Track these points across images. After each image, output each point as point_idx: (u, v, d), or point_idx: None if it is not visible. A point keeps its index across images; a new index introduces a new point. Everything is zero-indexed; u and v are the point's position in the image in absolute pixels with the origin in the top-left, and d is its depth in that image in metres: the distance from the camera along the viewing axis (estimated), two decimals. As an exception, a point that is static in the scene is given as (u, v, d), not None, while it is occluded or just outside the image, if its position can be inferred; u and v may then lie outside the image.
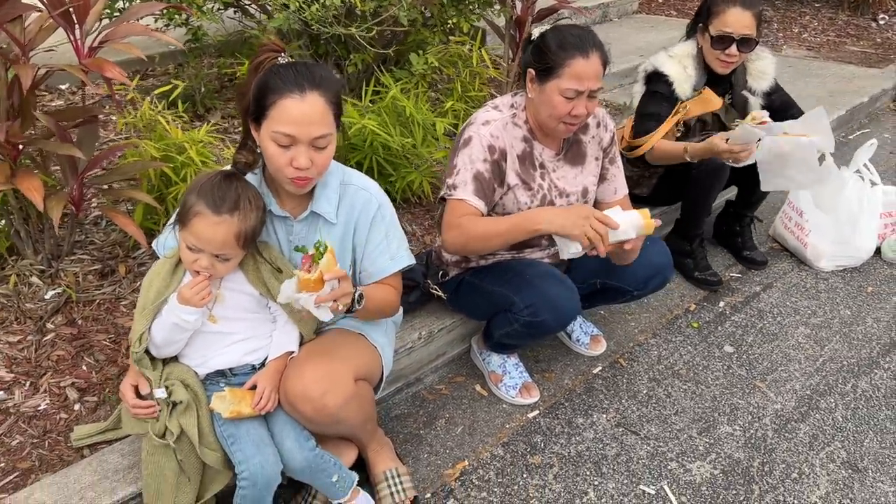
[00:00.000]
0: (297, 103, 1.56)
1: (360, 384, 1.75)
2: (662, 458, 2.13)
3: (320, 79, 1.59)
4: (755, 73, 2.91)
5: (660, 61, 2.78)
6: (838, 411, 2.32)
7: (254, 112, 1.61)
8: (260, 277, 1.74)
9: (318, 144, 1.60)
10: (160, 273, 1.72)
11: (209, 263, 1.62)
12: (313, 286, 1.54)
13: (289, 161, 1.59)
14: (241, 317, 1.76)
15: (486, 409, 2.30)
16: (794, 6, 7.11)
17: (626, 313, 2.78)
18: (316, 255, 1.57)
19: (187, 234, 1.61)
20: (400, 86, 3.29)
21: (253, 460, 1.62)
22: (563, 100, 1.97)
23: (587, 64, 1.95)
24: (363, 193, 1.79)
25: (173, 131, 2.43)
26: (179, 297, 1.64)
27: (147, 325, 1.68)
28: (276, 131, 1.57)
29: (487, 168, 2.04)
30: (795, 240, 3.14)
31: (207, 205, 1.59)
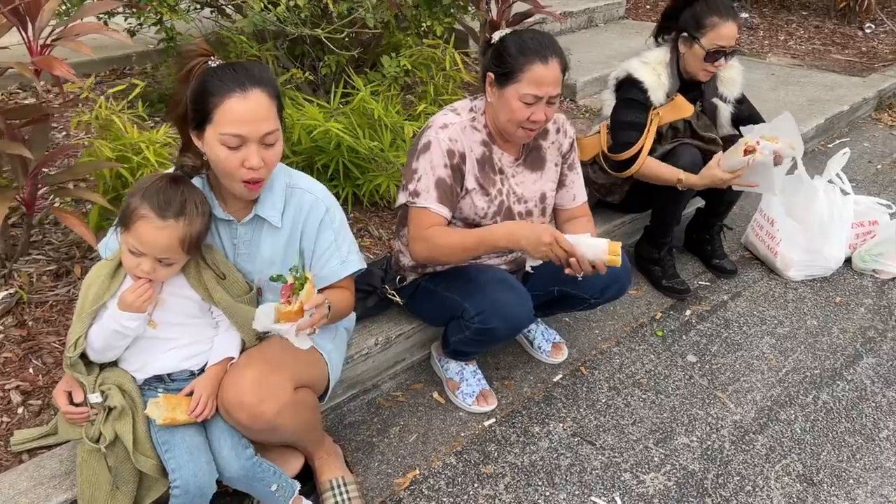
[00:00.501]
0: (241, 102, 1.53)
1: (301, 392, 1.72)
2: (616, 469, 2.10)
3: (259, 76, 1.57)
4: (726, 81, 2.90)
5: (633, 67, 2.75)
6: (797, 423, 2.29)
7: (194, 119, 1.58)
8: (202, 282, 1.71)
9: (268, 141, 1.58)
10: (100, 276, 1.69)
11: (151, 268, 1.59)
12: (293, 316, 1.54)
13: (240, 163, 1.56)
14: (181, 322, 1.73)
15: (441, 417, 2.27)
16: (781, 14, 7.10)
17: (590, 321, 2.75)
18: (296, 285, 1.56)
19: (130, 237, 1.58)
20: (371, 88, 3.26)
21: (186, 468, 1.59)
22: (522, 105, 1.95)
23: (546, 70, 1.93)
24: (309, 196, 1.76)
25: (130, 131, 2.39)
26: (121, 302, 1.61)
27: (84, 330, 1.65)
28: (224, 133, 1.54)
29: (448, 174, 2.02)
30: (766, 248, 3.12)
31: (152, 208, 1.56)
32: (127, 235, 1.58)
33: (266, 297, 1.81)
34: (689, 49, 2.68)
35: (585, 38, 5.64)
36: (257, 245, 1.75)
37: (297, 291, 1.56)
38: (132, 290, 1.60)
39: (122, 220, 1.59)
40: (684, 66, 2.74)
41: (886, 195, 3.81)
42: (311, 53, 3.50)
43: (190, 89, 1.56)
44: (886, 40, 6.45)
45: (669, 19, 2.76)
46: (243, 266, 1.77)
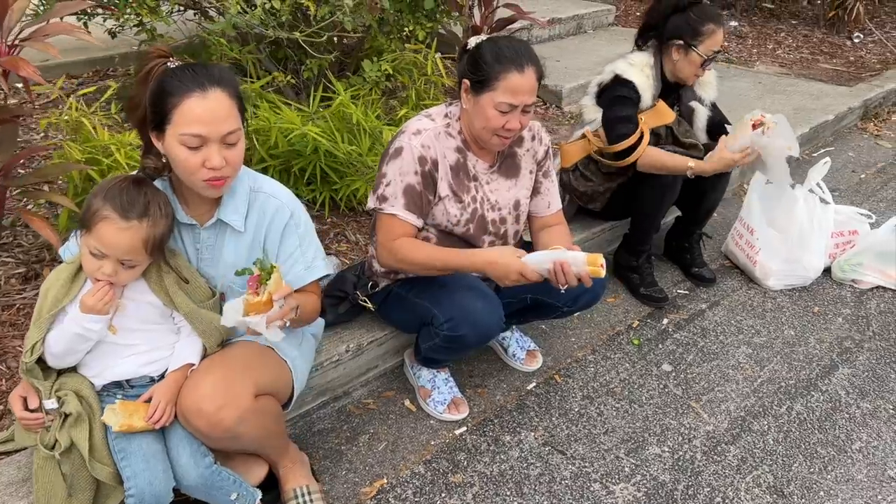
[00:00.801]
0: (200, 101, 1.52)
1: (263, 399, 1.69)
2: (586, 479, 2.09)
3: (219, 75, 1.56)
4: (703, 84, 2.91)
5: (621, 69, 2.73)
6: (770, 434, 2.28)
7: (153, 120, 1.56)
8: (163, 287, 1.69)
9: (229, 140, 1.56)
10: (59, 279, 1.66)
11: (113, 270, 1.57)
12: (262, 308, 1.52)
13: (201, 163, 1.55)
14: (141, 328, 1.70)
15: (412, 425, 2.25)
16: (770, 22, 7.12)
17: (567, 328, 2.74)
18: (263, 276, 1.54)
19: (91, 238, 1.56)
20: (353, 92, 3.24)
21: (141, 476, 1.57)
22: (497, 113, 1.93)
23: (522, 78, 1.91)
24: (273, 201, 1.75)
25: (100, 133, 2.37)
26: (82, 306, 1.58)
27: (42, 335, 1.62)
28: (184, 133, 1.52)
29: (419, 181, 2.00)
30: (745, 257, 3.11)
31: (115, 209, 1.54)
32: (88, 237, 1.56)
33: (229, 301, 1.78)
34: (683, 56, 2.67)
35: (574, 44, 5.64)
36: (220, 249, 1.73)
37: (265, 282, 1.54)
38: (92, 292, 1.58)
39: (84, 222, 1.57)
40: (672, 71, 2.74)
41: (869, 205, 3.81)
42: (293, 57, 3.48)
43: (148, 90, 1.54)
44: (874, 50, 6.48)
45: (654, 27, 2.75)
46: (206, 271, 1.75)
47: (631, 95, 2.70)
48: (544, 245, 2.17)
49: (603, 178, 2.86)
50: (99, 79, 4.15)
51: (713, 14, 2.66)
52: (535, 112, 4.50)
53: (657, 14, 2.73)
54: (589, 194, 2.93)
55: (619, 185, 2.85)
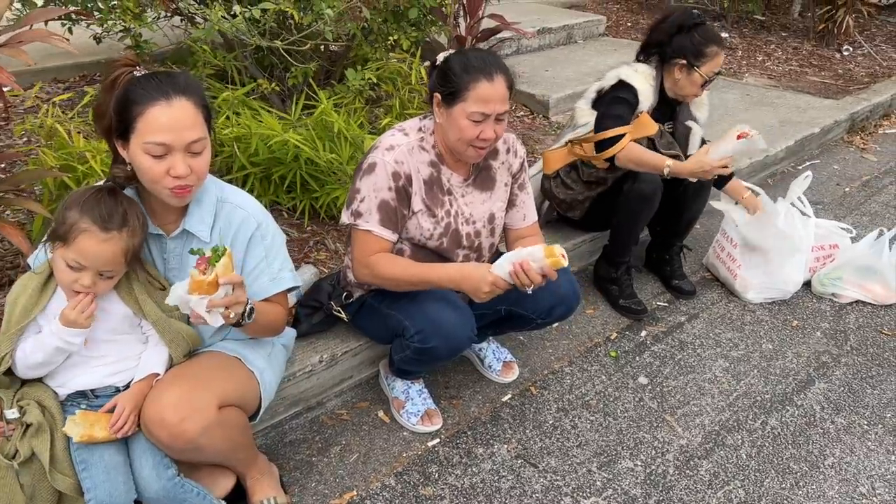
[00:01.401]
0: (165, 109, 1.52)
1: (228, 411, 1.68)
2: (557, 493, 2.08)
3: (184, 84, 1.56)
4: (698, 104, 2.94)
5: (626, 73, 2.74)
6: (743, 449, 2.27)
7: (118, 129, 1.56)
8: (133, 295, 1.68)
9: (194, 149, 1.56)
10: (27, 289, 1.65)
11: (92, 282, 1.57)
12: (206, 289, 1.50)
13: (165, 171, 1.54)
14: (110, 338, 1.70)
15: (385, 437, 2.24)
16: (760, 34, 7.15)
17: (544, 339, 2.73)
18: (213, 257, 1.52)
19: (70, 252, 1.54)
20: (336, 101, 3.25)
21: (101, 487, 1.56)
22: (471, 123, 1.94)
23: (492, 87, 1.92)
24: (240, 212, 1.74)
25: (76, 140, 2.36)
26: (63, 319, 1.57)
27: (11, 346, 1.61)
28: (148, 142, 1.52)
29: (393, 196, 2.00)
30: (726, 270, 3.11)
31: (94, 221, 1.53)
32: (66, 250, 1.55)
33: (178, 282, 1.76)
34: (686, 76, 2.70)
35: (563, 54, 5.65)
36: (187, 259, 1.73)
37: (213, 263, 1.52)
38: (74, 305, 1.57)
39: (60, 236, 1.55)
40: (672, 89, 2.77)
41: (852, 218, 3.82)
42: (279, 64, 3.49)
43: (114, 98, 1.54)
44: (863, 63, 6.51)
45: (658, 44, 2.75)
46: (173, 280, 1.74)
47: (630, 99, 2.71)
48: None
49: (583, 186, 2.87)
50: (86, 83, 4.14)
51: (716, 36, 2.69)
52: (523, 122, 4.50)
53: (662, 32, 2.74)
54: (568, 202, 2.93)
55: (599, 195, 2.85)
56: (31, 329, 1.63)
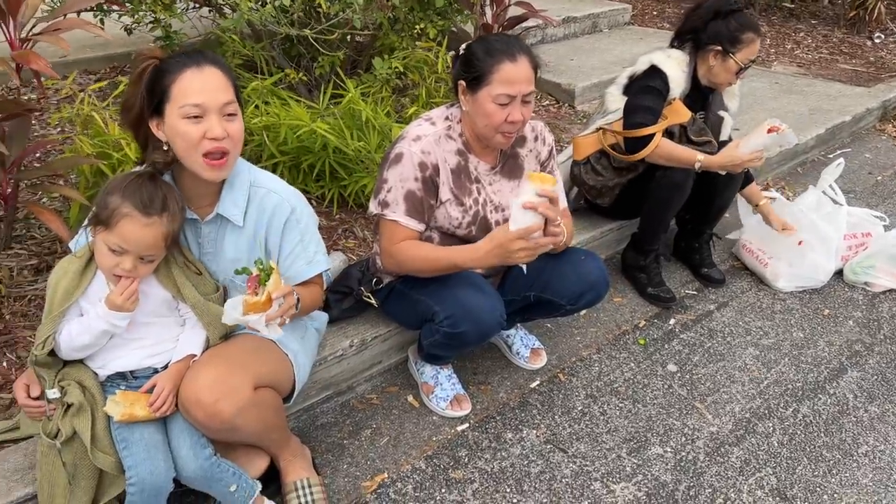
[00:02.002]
0: (197, 74, 1.56)
1: (262, 392, 1.71)
2: (587, 478, 2.08)
3: (212, 57, 1.61)
4: (730, 93, 2.91)
5: (659, 59, 2.72)
6: (775, 436, 2.26)
7: (151, 106, 1.60)
8: (171, 278, 1.71)
9: (228, 111, 1.59)
10: (67, 273, 1.68)
11: (133, 265, 1.60)
12: (262, 307, 1.55)
13: (202, 135, 1.57)
14: (149, 321, 1.72)
15: (414, 421, 2.26)
16: (789, 22, 7.04)
17: (572, 327, 2.73)
18: (262, 277, 1.56)
19: (111, 236, 1.57)
20: (363, 90, 3.26)
21: (142, 466, 1.59)
22: (497, 107, 1.93)
23: (516, 68, 1.91)
24: (274, 196, 1.76)
25: (111, 128, 2.40)
26: (110, 304, 1.60)
27: (53, 329, 1.64)
28: (183, 105, 1.55)
29: (419, 187, 2.00)
30: (756, 259, 3.08)
31: (136, 206, 1.56)
32: (108, 234, 1.58)
33: (232, 294, 1.80)
34: (720, 62, 2.68)
35: (588, 43, 5.61)
36: (221, 244, 1.75)
37: (264, 282, 1.56)
38: (119, 291, 1.60)
39: (102, 220, 1.58)
40: (706, 76, 2.74)
41: (885, 207, 3.76)
42: (306, 54, 3.51)
43: (144, 84, 1.58)
44: (895, 50, 6.38)
45: (693, 30, 2.73)
46: (208, 265, 1.77)
47: (661, 88, 2.69)
48: None
49: (614, 172, 2.85)
50: (116, 74, 4.20)
51: (753, 23, 2.66)
52: (548, 111, 4.49)
53: (697, 18, 2.72)
54: (598, 188, 2.91)
55: (630, 181, 2.83)
56: (73, 312, 1.67)
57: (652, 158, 2.67)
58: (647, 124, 2.66)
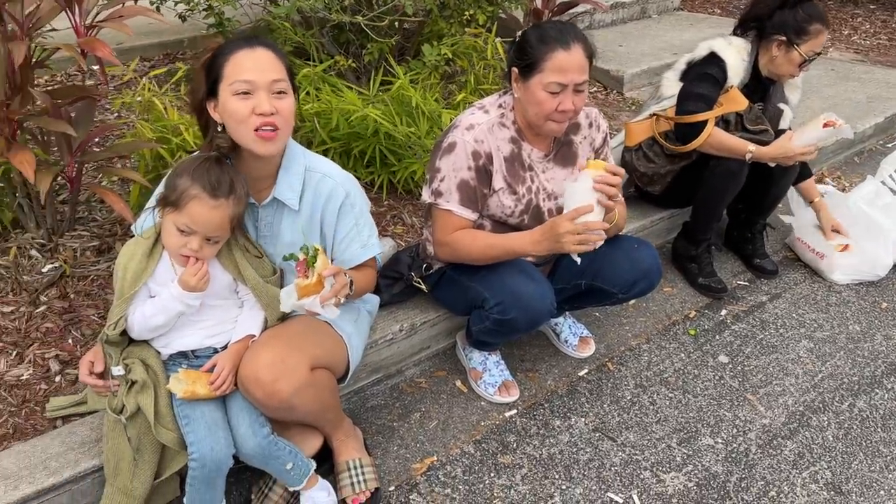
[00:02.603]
0: (248, 54, 1.62)
1: (318, 373, 1.74)
2: (636, 467, 2.08)
3: (266, 41, 1.65)
4: (791, 85, 2.85)
5: (719, 46, 2.68)
6: (830, 430, 2.22)
7: (208, 87, 1.64)
8: (233, 260, 1.75)
9: (277, 88, 1.62)
10: (135, 255, 1.72)
11: (199, 246, 1.64)
12: (314, 289, 1.59)
13: (251, 110, 1.60)
14: (210, 303, 1.76)
15: (463, 406, 2.28)
16: (846, 7, 6.83)
17: (621, 316, 2.71)
18: (309, 259, 1.60)
19: (181, 216, 1.62)
20: (412, 76, 3.27)
21: (204, 442, 1.64)
22: (548, 95, 1.92)
23: (569, 56, 1.90)
24: (329, 181, 1.79)
25: (171, 113, 2.46)
26: (184, 285, 1.65)
27: (125, 311, 1.69)
28: (234, 82, 1.59)
29: (473, 176, 2.01)
30: (811, 250, 3.02)
31: (204, 188, 1.60)
32: (177, 215, 1.62)
33: (288, 277, 1.84)
34: (783, 53, 2.62)
35: (637, 29, 5.53)
36: (278, 227, 1.79)
37: (312, 265, 1.59)
38: (192, 273, 1.64)
39: (172, 201, 1.62)
40: (768, 66, 2.69)
41: (946, 198, 3.63)
42: (355, 41, 3.53)
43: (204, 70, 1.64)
44: (959, 36, 6.14)
45: (758, 18, 2.68)
46: (265, 248, 1.81)
47: (718, 76, 2.64)
48: None
49: (666, 159, 2.81)
50: (169, 61, 4.28)
51: (822, 14, 2.59)
52: (596, 98, 4.44)
53: (764, 6, 2.66)
54: (650, 176, 2.87)
55: (682, 169, 2.79)
56: (143, 293, 1.71)
57: (703, 148, 2.63)
58: (699, 112, 2.61)
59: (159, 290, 1.69)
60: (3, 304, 2.30)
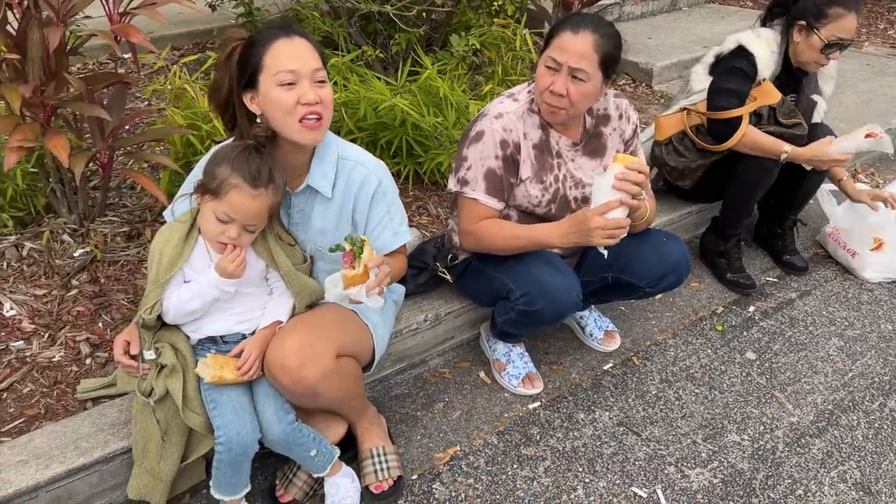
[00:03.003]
0: (288, 43, 1.62)
1: (344, 360, 1.75)
2: (661, 462, 2.06)
3: (298, 30, 1.65)
4: (824, 76, 2.79)
5: (747, 39, 2.62)
6: (859, 430, 2.18)
7: (243, 79, 1.64)
8: (267, 248, 1.76)
9: (318, 77, 1.63)
10: (171, 240, 1.73)
11: (238, 234, 1.65)
12: (360, 279, 1.60)
13: (296, 100, 1.61)
14: (241, 290, 1.76)
15: (486, 397, 2.28)
16: (882, 0, 6.67)
17: (647, 311, 2.69)
18: (356, 250, 1.62)
19: (220, 205, 1.63)
20: (439, 67, 3.26)
21: (230, 426, 1.65)
22: (545, 70, 1.94)
23: (574, 39, 1.88)
24: (361, 169, 1.79)
25: (201, 101, 2.48)
26: (221, 272, 1.66)
27: (160, 296, 1.70)
28: (278, 72, 1.60)
29: (500, 165, 2.00)
30: (842, 247, 2.97)
31: (244, 178, 1.61)
32: (217, 204, 1.63)
33: (318, 265, 1.85)
34: (804, 39, 2.56)
35: (667, 21, 5.46)
36: (310, 215, 1.80)
37: (358, 255, 1.61)
38: (230, 259, 1.65)
39: (212, 189, 1.63)
40: (793, 55, 2.63)
41: (984, 197, 3.54)
42: (383, 31, 3.53)
43: (234, 60, 1.64)
44: None
45: (783, 4, 2.63)
46: (296, 235, 1.82)
47: (747, 69, 2.59)
48: None
49: (697, 154, 2.76)
50: (199, 50, 4.32)
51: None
52: (624, 90, 4.40)
53: None
54: (680, 170, 2.83)
55: (714, 163, 2.74)
56: (178, 278, 1.72)
57: (737, 147, 2.59)
58: (732, 108, 2.57)
59: (194, 276, 1.70)
60: (36, 287, 2.34)
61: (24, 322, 2.22)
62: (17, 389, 2.01)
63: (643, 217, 2.05)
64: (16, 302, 2.28)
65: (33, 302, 2.29)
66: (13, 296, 2.30)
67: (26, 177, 2.52)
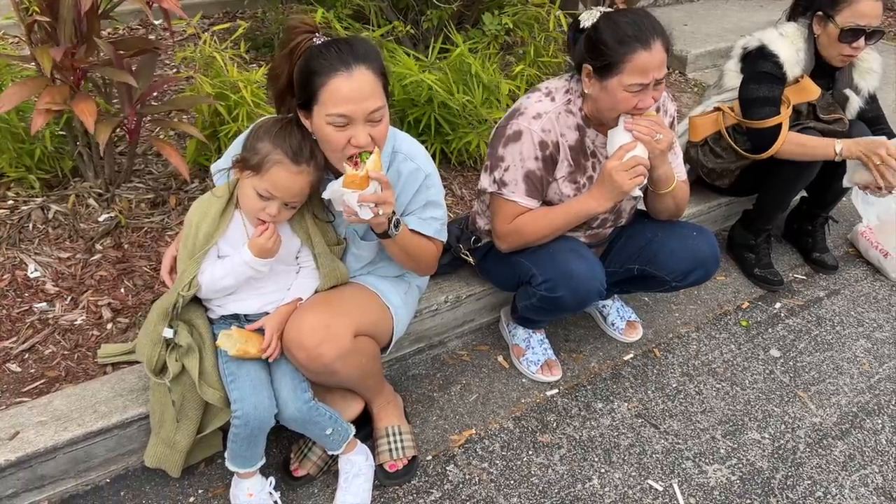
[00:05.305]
0: (346, 81, 1.52)
1: (361, 340, 1.74)
2: (678, 456, 2.03)
3: (364, 53, 1.55)
4: (862, 70, 2.64)
5: (769, 38, 2.51)
6: (884, 434, 2.14)
7: (301, 99, 1.58)
8: (304, 226, 1.74)
9: (374, 118, 1.56)
10: (208, 214, 1.71)
11: (277, 211, 1.64)
12: (359, 183, 1.54)
13: (347, 140, 1.56)
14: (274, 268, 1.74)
15: (504, 381, 2.26)
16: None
17: (671, 303, 2.65)
18: (364, 153, 1.57)
19: (262, 182, 1.60)
20: (470, 45, 3.21)
21: (248, 400, 1.65)
22: (628, 95, 1.82)
23: (650, 56, 1.78)
24: (410, 164, 1.76)
25: (230, 70, 2.45)
26: (258, 250, 1.64)
27: (197, 270, 1.68)
28: (330, 114, 1.53)
29: (539, 166, 1.95)
30: (874, 247, 2.89)
31: (286, 154, 1.59)
32: (258, 180, 1.60)
33: (350, 249, 1.82)
34: (823, 29, 2.45)
35: (704, 8, 5.34)
36: None
37: (364, 159, 1.56)
38: (267, 237, 1.63)
39: (253, 165, 1.60)
40: (821, 50, 2.51)
41: None
42: (414, 7, 3.48)
43: (296, 68, 1.57)
44: None
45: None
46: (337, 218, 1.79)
47: (774, 72, 2.47)
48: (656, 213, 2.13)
49: (735, 154, 2.67)
50: (229, 19, 4.30)
51: None
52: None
53: None
54: (718, 171, 2.74)
55: (754, 163, 2.65)
56: (212, 254, 1.71)
57: (782, 155, 2.48)
58: (767, 117, 2.48)
59: (228, 251, 1.69)
60: (60, 249, 2.36)
61: (48, 284, 2.24)
62: (39, 351, 2.03)
63: (669, 182, 1.99)
64: (40, 264, 2.29)
65: (57, 265, 2.30)
66: (38, 257, 2.31)
67: (55, 139, 2.53)
